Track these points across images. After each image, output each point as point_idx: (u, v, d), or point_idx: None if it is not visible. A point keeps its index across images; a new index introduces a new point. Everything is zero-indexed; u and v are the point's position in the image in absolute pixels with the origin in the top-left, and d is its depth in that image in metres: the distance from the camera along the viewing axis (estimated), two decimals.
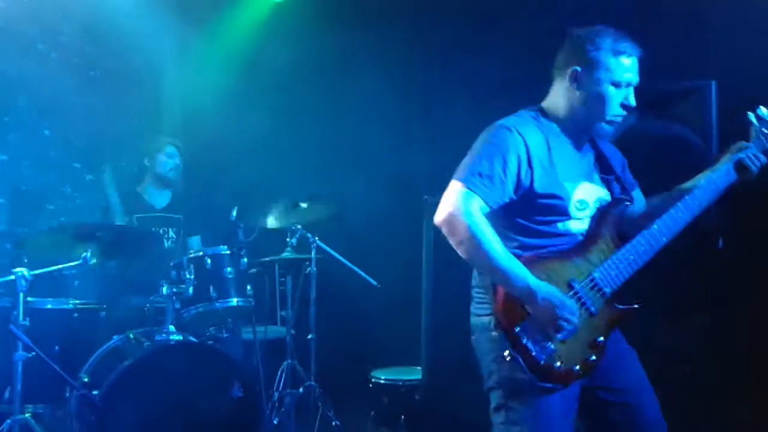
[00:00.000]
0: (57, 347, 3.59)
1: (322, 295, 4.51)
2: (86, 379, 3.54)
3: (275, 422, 4.23)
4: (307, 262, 4.47)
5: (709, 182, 2.47)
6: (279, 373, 4.42)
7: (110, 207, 4.31)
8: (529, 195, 2.33)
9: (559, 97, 2.43)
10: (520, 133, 2.33)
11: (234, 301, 3.89)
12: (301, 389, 4.34)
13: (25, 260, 3.47)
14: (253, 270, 4.33)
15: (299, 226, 4.44)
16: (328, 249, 4.53)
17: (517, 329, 2.22)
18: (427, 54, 5.26)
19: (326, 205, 4.49)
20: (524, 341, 2.21)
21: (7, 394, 3.39)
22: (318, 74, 5.45)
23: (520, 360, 2.20)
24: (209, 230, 4.57)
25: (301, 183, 4.87)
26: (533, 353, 2.21)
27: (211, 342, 4.00)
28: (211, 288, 3.85)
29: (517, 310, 2.23)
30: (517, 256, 2.26)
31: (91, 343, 3.69)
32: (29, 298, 3.42)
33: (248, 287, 3.97)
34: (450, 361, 3.59)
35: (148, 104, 5.55)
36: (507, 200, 2.32)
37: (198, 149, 5.38)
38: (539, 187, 2.32)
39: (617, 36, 2.37)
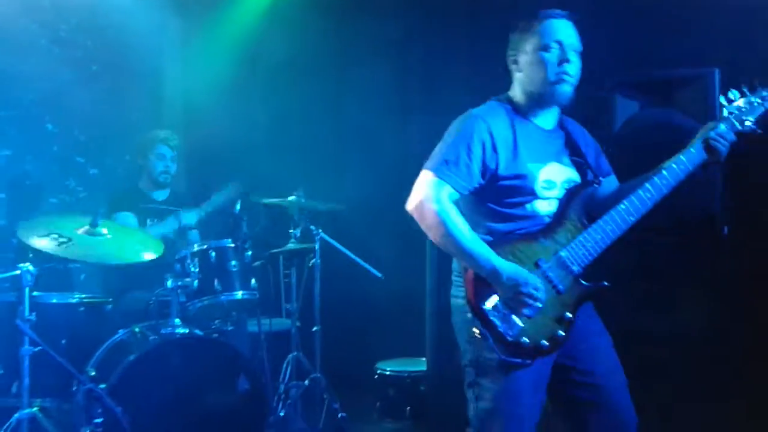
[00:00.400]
0: (63, 341, 3.60)
1: (327, 287, 4.51)
2: (93, 373, 3.54)
3: (281, 414, 4.23)
4: (311, 254, 4.47)
5: (679, 163, 2.50)
6: (285, 365, 4.42)
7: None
8: (497, 177, 2.42)
9: (514, 85, 2.57)
10: (484, 120, 2.44)
11: (239, 293, 3.89)
12: (306, 381, 4.34)
13: (30, 255, 3.48)
14: (258, 263, 4.33)
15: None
16: (331, 241, 4.53)
17: (485, 307, 2.30)
18: (427, 42, 5.24)
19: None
20: (491, 318, 2.30)
21: (14, 389, 3.40)
22: (318, 65, 5.44)
23: (489, 336, 2.29)
24: (210, 225, 4.56)
25: (302, 174, 4.85)
26: (500, 329, 2.29)
27: (216, 335, 4.01)
28: (216, 281, 3.84)
29: (485, 289, 2.32)
30: (486, 241, 2.35)
31: (97, 337, 3.69)
32: (35, 293, 3.42)
33: (253, 280, 3.97)
34: (455, 352, 3.59)
35: (149, 98, 5.56)
36: (476, 185, 2.42)
37: (199, 141, 5.39)
38: (504, 169, 2.41)
39: (533, 11, 2.48)
